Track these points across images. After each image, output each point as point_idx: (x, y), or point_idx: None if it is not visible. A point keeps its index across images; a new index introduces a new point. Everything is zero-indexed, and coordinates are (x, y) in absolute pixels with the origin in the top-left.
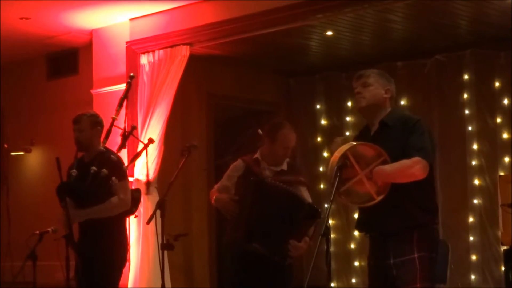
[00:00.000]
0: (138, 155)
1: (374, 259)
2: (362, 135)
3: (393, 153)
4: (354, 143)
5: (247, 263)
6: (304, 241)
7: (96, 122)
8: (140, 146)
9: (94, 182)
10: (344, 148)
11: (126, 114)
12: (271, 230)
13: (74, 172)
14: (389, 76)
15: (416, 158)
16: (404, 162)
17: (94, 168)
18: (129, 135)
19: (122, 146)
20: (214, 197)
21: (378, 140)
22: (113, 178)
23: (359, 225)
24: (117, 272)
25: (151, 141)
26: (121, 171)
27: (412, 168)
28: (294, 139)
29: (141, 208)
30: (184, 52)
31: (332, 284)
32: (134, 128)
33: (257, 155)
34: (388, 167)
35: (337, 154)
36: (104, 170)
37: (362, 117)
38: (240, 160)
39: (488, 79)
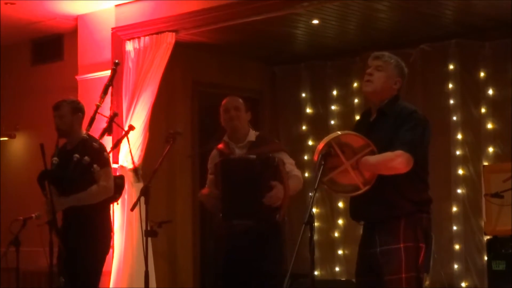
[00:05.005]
0: (119, 142)
1: (363, 247)
2: (362, 119)
3: (384, 143)
4: (340, 132)
5: (233, 242)
6: (275, 187)
7: (77, 108)
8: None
9: (77, 169)
10: (329, 137)
11: (111, 101)
12: (244, 201)
13: (55, 159)
14: (404, 66)
15: (399, 152)
16: (387, 155)
17: (77, 155)
18: (111, 121)
19: (106, 132)
20: (199, 193)
21: (375, 129)
22: (95, 165)
23: (351, 213)
24: (100, 259)
25: (131, 127)
26: (103, 158)
27: (393, 161)
28: (231, 101)
29: (125, 195)
30: (169, 39)
31: (316, 272)
32: (116, 114)
33: (224, 138)
34: (372, 158)
35: (322, 142)
36: (86, 158)
37: (347, 106)
38: (214, 150)
39: (473, 69)
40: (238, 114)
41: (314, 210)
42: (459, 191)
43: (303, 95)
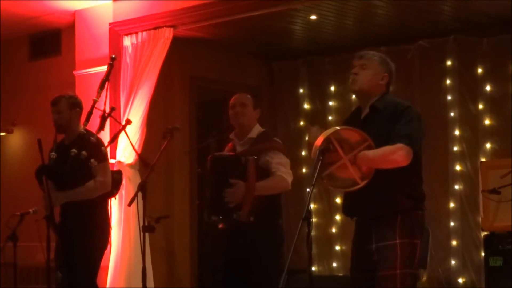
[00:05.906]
0: (116, 136)
1: (358, 244)
2: (352, 117)
3: (380, 139)
4: (338, 127)
5: (228, 240)
6: (236, 185)
7: (74, 103)
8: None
9: (74, 164)
10: (327, 132)
11: (106, 96)
12: (216, 198)
13: (53, 155)
14: (390, 61)
15: (399, 145)
16: (387, 148)
17: (74, 150)
18: (108, 116)
19: (101, 127)
20: None
21: (368, 124)
22: (92, 160)
23: (345, 209)
24: (98, 254)
25: (128, 122)
26: (100, 153)
27: (394, 154)
28: (238, 97)
29: (123, 191)
30: (167, 34)
31: (313, 268)
32: (113, 109)
33: (231, 135)
34: (371, 153)
35: (321, 138)
36: (84, 152)
37: (345, 102)
38: (227, 146)
39: (470, 66)
40: (244, 110)
41: (312, 206)
42: (456, 187)
43: (301, 90)
